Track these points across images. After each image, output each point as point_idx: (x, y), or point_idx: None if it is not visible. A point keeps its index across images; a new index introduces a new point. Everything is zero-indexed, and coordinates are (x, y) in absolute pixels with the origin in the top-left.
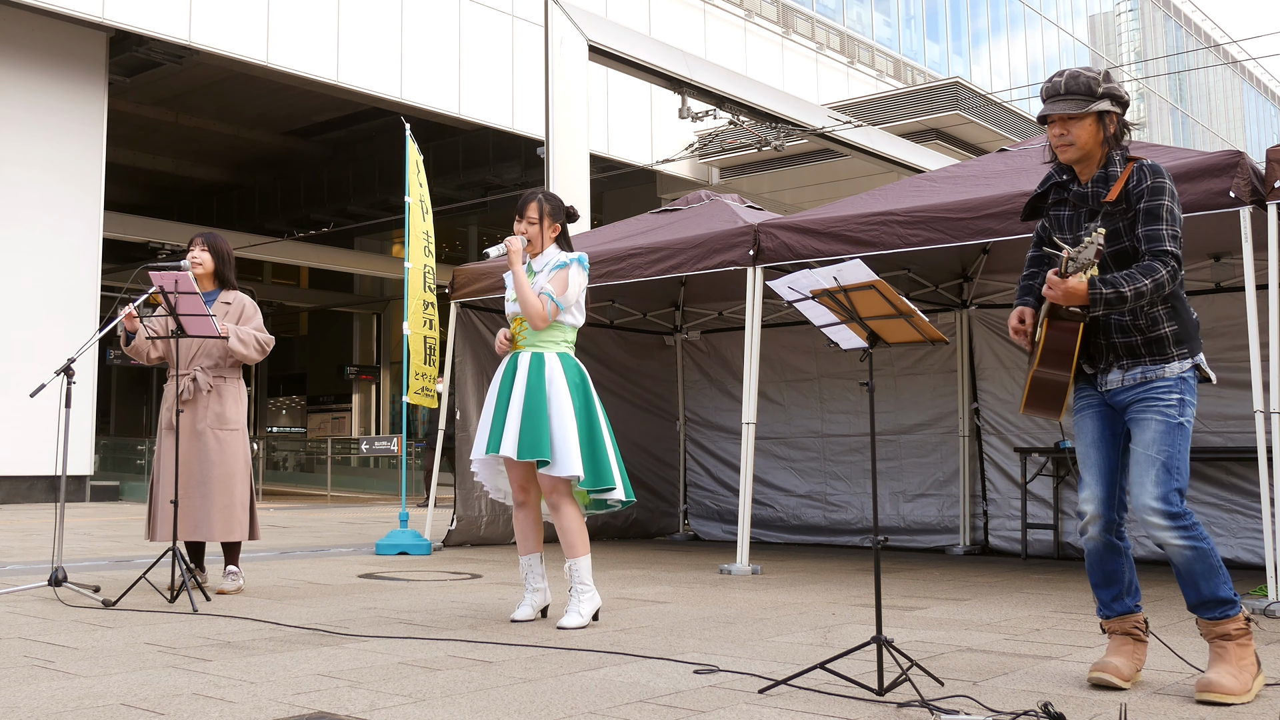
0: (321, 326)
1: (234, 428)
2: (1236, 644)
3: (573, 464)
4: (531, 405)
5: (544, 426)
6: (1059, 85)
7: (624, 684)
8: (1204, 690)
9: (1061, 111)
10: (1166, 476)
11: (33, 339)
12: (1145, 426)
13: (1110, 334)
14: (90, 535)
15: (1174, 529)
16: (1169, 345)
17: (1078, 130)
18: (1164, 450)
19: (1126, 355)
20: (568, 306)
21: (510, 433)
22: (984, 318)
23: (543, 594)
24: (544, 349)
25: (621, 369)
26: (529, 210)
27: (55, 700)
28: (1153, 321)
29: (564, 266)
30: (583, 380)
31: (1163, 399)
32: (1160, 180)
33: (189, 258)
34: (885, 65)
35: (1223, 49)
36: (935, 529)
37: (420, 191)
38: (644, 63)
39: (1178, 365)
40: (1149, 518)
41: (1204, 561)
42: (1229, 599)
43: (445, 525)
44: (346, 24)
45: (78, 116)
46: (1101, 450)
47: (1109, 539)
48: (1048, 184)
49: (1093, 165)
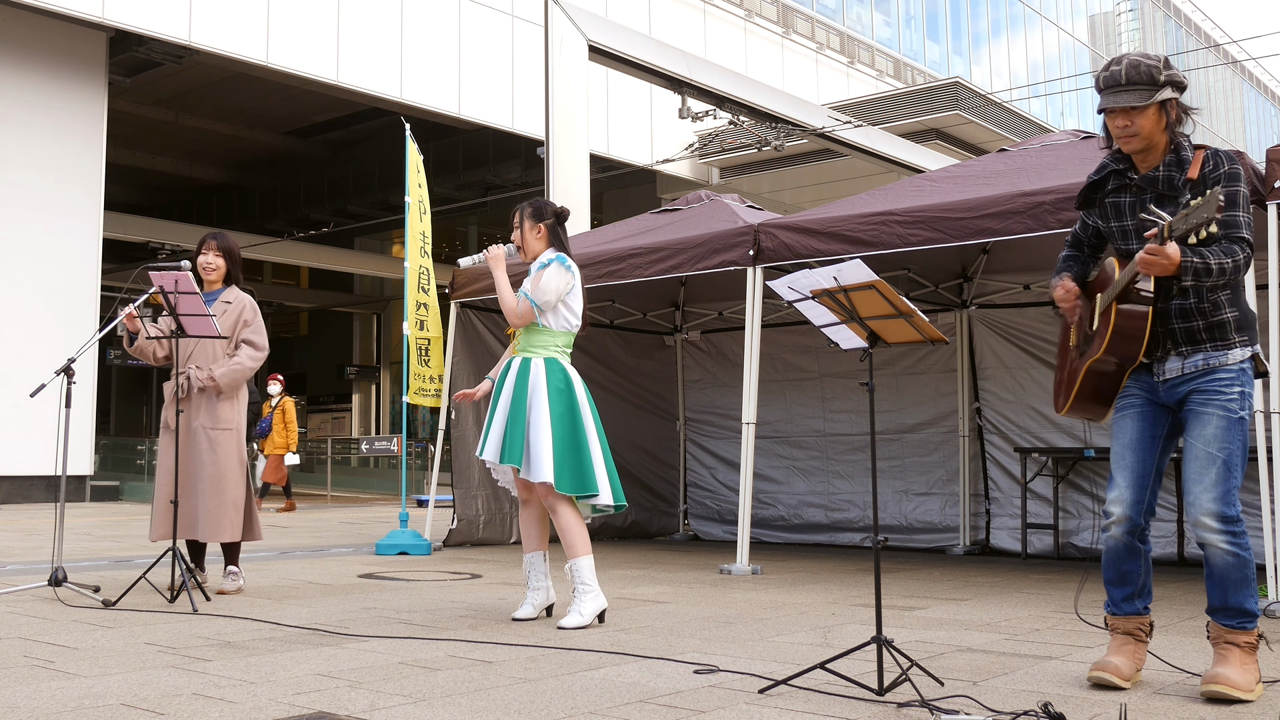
0: (321, 326)
1: (227, 427)
2: (1243, 650)
3: (543, 470)
4: (514, 411)
5: (520, 432)
6: (1119, 75)
7: (624, 684)
8: (1211, 682)
9: (1126, 104)
10: (1226, 475)
11: (33, 339)
12: (1206, 421)
13: (1170, 319)
14: (90, 535)
15: (1225, 534)
16: (1231, 331)
17: (1142, 120)
18: (1225, 447)
19: (1186, 341)
20: (546, 306)
21: (494, 437)
22: (984, 318)
23: (545, 592)
24: (533, 354)
25: (621, 369)
26: (513, 219)
27: (55, 700)
28: (1215, 306)
29: (544, 267)
30: (568, 385)
31: (1225, 392)
32: (1235, 167)
33: (201, 261)
34: (885, 65)
35: (1223, 49)
36: (938, 528)
37: (419, 192)
38: (644, 63)
39: (1240, 352)
40: (1204, 519)
41: (1241, 571)
42: (1250, 612)
43: (445, 525)
44: (346, 24)
45: (78, 116)
46: (1138, 453)
47: (1131, 541)
48: (1104, 171)
49: (1156, 153)
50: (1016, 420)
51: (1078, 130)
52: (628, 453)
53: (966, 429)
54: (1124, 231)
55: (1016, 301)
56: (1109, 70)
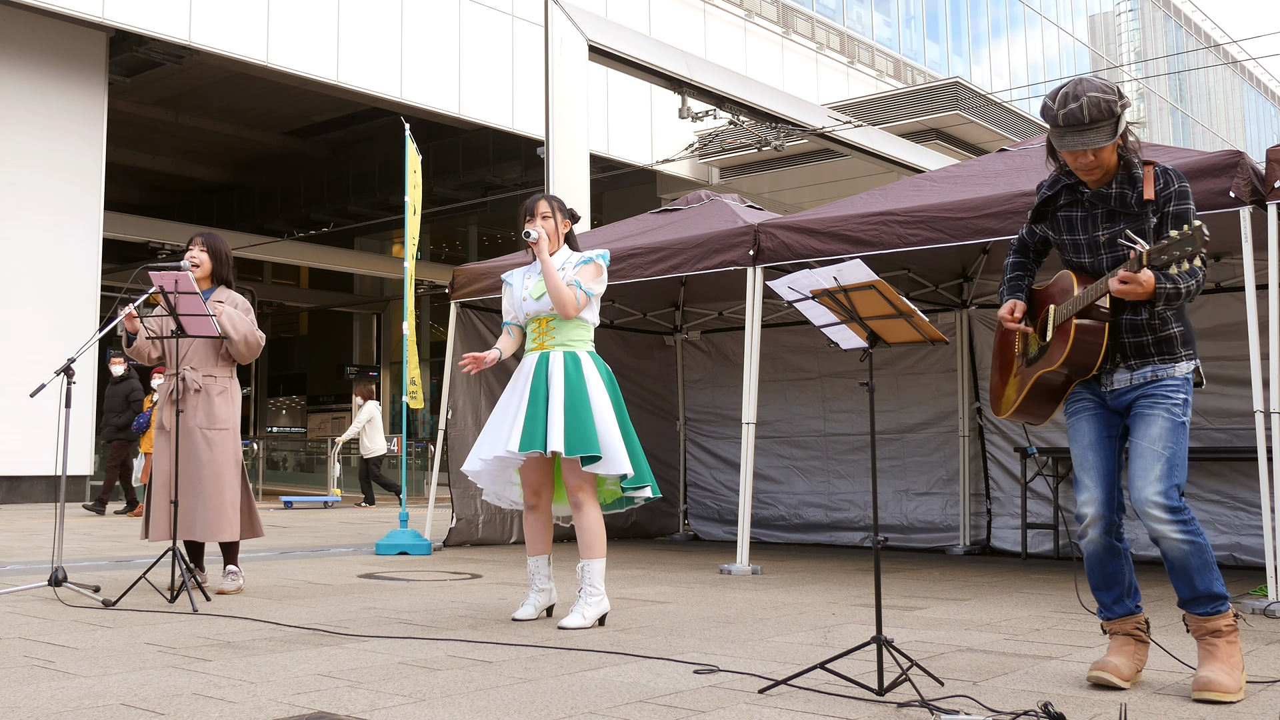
0: (321, 326)
1: (223, 427)
2: (1226, 640)
3: (622, 461)
4: (574, 402)
5: (590, 423)
6: (1079, 114)
7: (624, 684)
8: (1202, 689)
9: (1094, 145)
10: (1169, 471)
11: (33, 339)
12: (1152, 422)
13: (1120, 334)
14: (90, 535)
15: (1174, 523)
16: (1178, 345)
17: (1104, 155)
18: (1169, 446)
19: (1135, 355)
20: (595, 300)
21: (555, 429)
22: (984, 318)
23: (548, 594)
24: (575, 348)
25: (621, 369)
26: (540, 206)
27: (55, 700)
28: (1163, 321)
29: (590, 261)
30: (612, 379)
31: (1171, 397)
32: (1184, 184)
33: (187, 258)
34: (885, 65)
35: (1223, 49)
36: (940, 527)
37: (415, 194)
38: (644, 63)
39: (1185, 365)
40: (1150, 510)
41: (1199, 556)
42: (1220, 594)
43: (445, 525)
44: (346, 24)
45: (78, 116)
46: (1100, 452)
47: (1109, 541)
48: (1057, 186)
49: (1107, 171)
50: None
51: None
52: None
53: (967, 429)
54: (1076, 245)
55: None
56: (1068, 108)
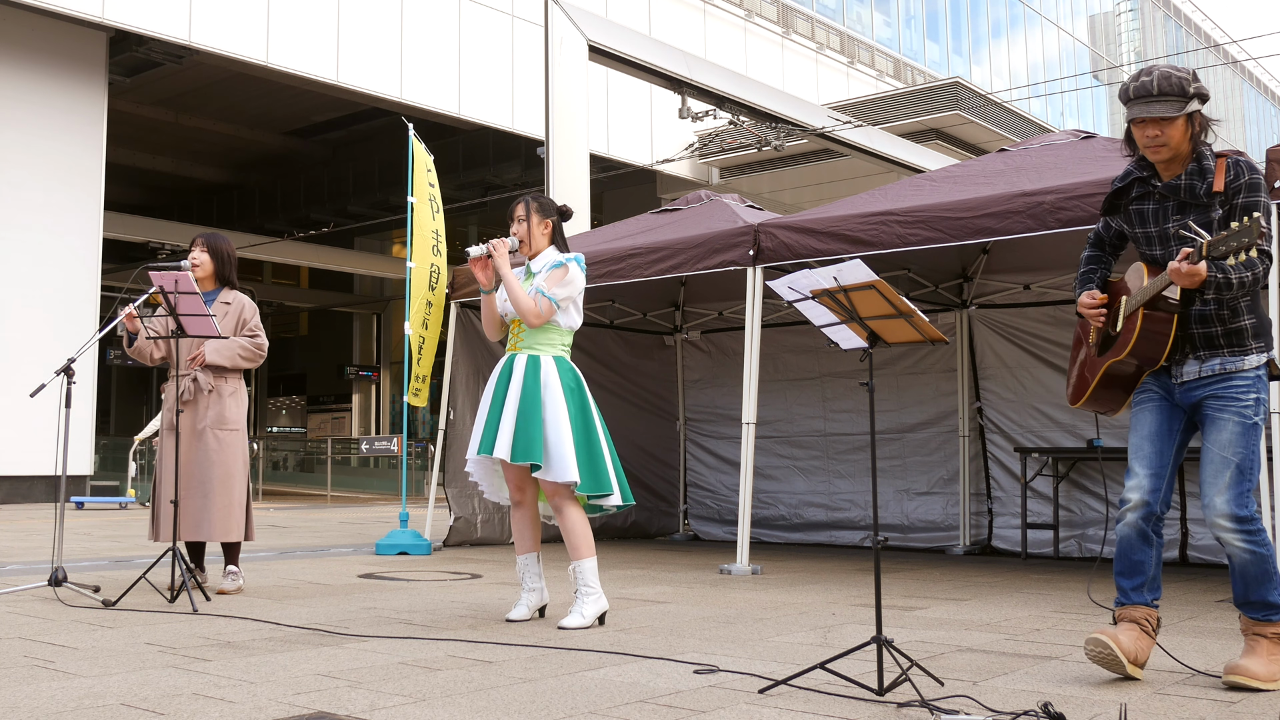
0: (321, 326)
1: (234, 428)
2: (1270, 642)
3: (568, 469)
4: (526, 408)
5: (538, 430)
6: (1150, 86)
7: (624, 684)
8: (1232, 673)
9: (1159, 114)
10: (1240, 478)
11: (33, 339)
12: (1222, 426)
13: (1189, 325)
14: (90, 535)
15: (1239, 533)
16: (1248, 337)
17: (1171, 131)
18: (1239, 452)
19: (1204, 346)
20: (564, 304)
21: (504, 434)
22: (984, 318)
23: (539, 594)
24: (540, 352)
25: (621, 369)
26: (516, 210)
27: (55, 700)
28: (1234, 313)
29: (561, 265)
30: (578, 384)
31: (1241, 398)
32: (1257, 177)
33: (189, 258)
34: (885, 65)
35: (1223, 49)
36: (940, 527)
37: (431, 191)
38: (644, 63)
39: (1256, 358)
40: (1219, 520)
41: (1260, 566)
42: (1274, 604)
43: (445, 525)
44: (346, 24)
45: (78, 116)
46: (1157, 445)
47: (1144, 528)
48: (1129, 178)
49: (1179, 162)
50: (1018, 419)
51: (1078, 130)
52: (628, 453)
53: (967, 429)
54: (1148, 237)
55: (1017, 301)
56: (1139, 80)
